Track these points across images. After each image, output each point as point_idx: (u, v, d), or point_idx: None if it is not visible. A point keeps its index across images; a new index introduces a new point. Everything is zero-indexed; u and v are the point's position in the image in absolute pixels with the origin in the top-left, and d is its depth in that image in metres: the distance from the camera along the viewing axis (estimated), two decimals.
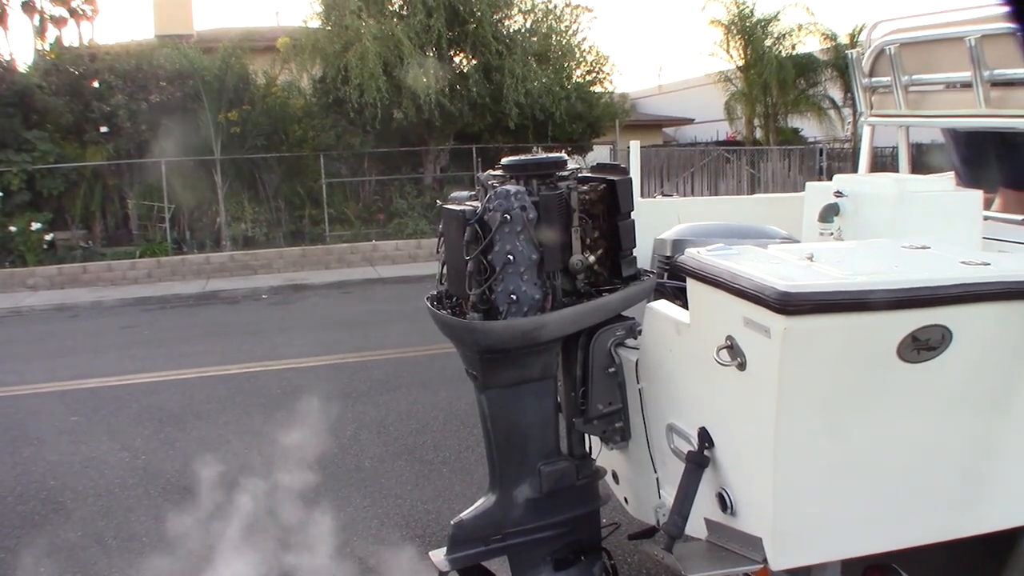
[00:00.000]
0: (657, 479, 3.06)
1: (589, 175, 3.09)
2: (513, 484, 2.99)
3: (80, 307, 13.56)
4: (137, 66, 16.72)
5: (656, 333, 2.89)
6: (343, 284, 14.76)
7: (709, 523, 2.65)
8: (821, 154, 21.28)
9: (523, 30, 18.72)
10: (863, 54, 4.30)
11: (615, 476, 3.46)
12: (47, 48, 18.74)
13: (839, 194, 3.36)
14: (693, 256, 2.59)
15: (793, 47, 22.57)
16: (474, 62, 17.90)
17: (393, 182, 18.18)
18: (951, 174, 3.81)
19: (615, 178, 2.99)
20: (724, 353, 2.37)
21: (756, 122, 24.06)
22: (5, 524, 5.17)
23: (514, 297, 2.76)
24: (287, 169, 17.59)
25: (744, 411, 2.43)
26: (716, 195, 19.86)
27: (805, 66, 22.68)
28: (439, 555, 3.01)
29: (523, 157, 2.97)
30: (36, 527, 5.10)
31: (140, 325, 11.90)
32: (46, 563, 4.65)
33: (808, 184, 3.78)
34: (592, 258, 2.96)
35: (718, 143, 25.40)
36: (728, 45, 23.16)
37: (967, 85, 3.67)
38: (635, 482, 3.29)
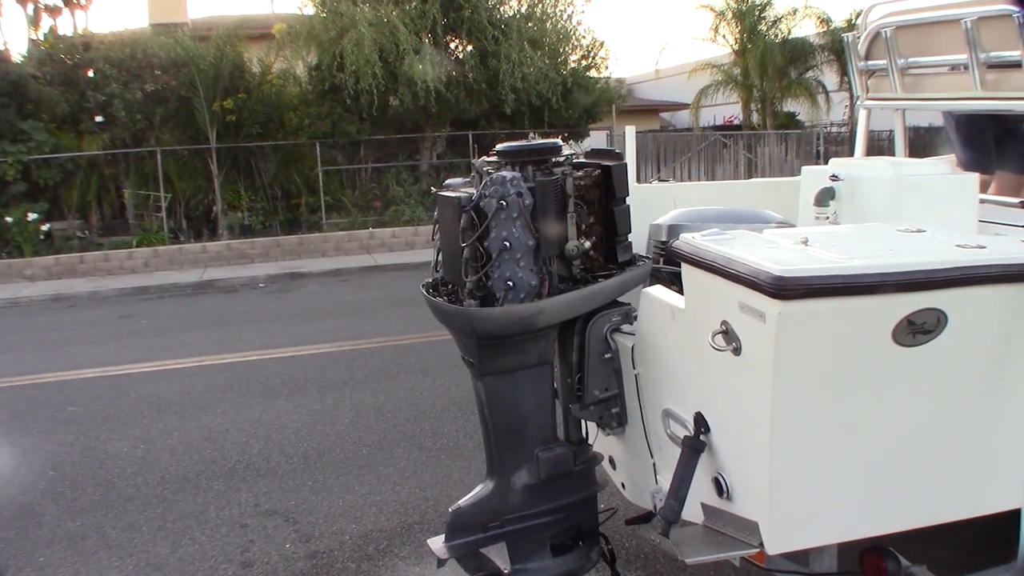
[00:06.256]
0: (654, 464, 3.06)
1: (584, 161, 3.08)
2: (511, 470, 2.99)
3: (77, 297, 13.53)
4: (131, 55, 16.61)
5: (652, 318, 2.89)
6: (340, 272, 14.75)
7: (706, 508, 2.66)
8: (819, 138, 21.24)
9: (518, 15, 18.62)
10: (859, 37, 4.29)
11: (612, 462, 3.46)
12: (41, 38, 18.66)
13: (835, 178, 3.37)
14: (688, 241, 2.59)
15: (789, 31, 22.57)
16: (470, 48, 17.82)
17: (389, 169, 18.14)
18: (948, 157, 3.81)
19: (610, 163, 2.98)
20: (719, 338, 2.37)
21: (753, 106, 24.02)
22: (5, 514, 5.18)
23: (511, 283, 2.76)
24: (283, 157, 17.54)
25: (740, 396, 2.43)
26: (713, 180, 19.83)
27: (800, 50, 22.65)
28: (437, 542, 3.02)
29: (518, 143, 2.96)
30: (36, 517, 5.11)
31: (138, 315, 11.89)
32: (45, 553, 4.66)
33: (804, 168, 3.78)
34: (588, 244, 2.95)
35: (715, 128, 25.35)
36: (720, 30, 23.15)
37: (964, 68, 3.66)
38: (632, 467, 3.30)
